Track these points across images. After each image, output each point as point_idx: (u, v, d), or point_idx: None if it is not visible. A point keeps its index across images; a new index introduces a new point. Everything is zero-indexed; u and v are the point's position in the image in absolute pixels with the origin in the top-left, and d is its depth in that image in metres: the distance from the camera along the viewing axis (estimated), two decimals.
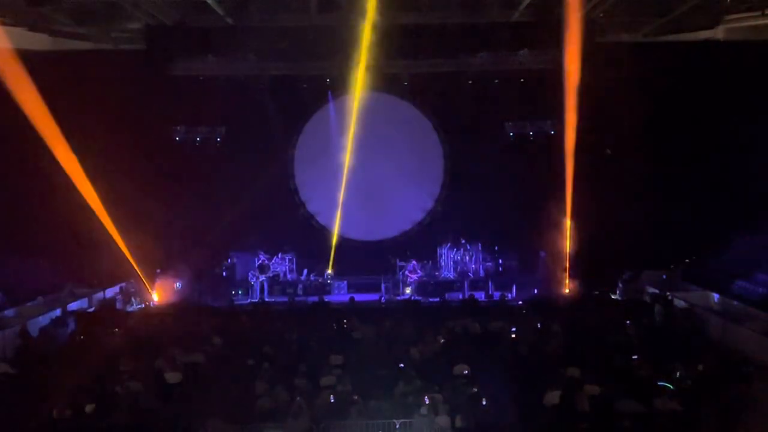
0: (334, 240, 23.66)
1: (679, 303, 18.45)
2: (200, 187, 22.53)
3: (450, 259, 22.66)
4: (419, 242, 23.22)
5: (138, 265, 20.87)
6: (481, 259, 22.23)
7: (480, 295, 20.54)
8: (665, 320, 17.04)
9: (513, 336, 15.38)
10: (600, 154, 21.94)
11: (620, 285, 20.34)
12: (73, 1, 18.47)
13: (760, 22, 20.32)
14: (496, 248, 22.18)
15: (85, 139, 20.94)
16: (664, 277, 20.74)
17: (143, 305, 20.24)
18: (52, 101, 19.40)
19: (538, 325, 15.99)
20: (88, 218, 20.66)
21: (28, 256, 18.74)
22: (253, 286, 21.65)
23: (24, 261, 18.79)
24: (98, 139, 20.91)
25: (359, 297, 20.27)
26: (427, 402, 10.86)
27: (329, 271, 22.37)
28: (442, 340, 14.96)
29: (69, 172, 20.57)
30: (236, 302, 20.28)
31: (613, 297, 19.78)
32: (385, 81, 22.95)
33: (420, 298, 20.69)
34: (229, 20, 21.67)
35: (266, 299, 20.80)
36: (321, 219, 24.18)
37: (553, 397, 11.25)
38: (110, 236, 20.57)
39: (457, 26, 21.82)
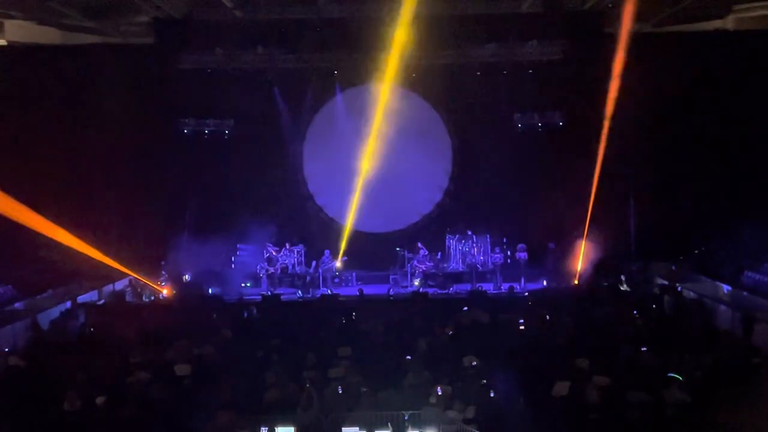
0: (343, 232, 23.68)
1: (688, 294, 18.36)
2: (208, 179, 22.60)
3: (458, 251, 22.62)
4: (428, 234, 23.17)
5: (146, 257, 20.97)
6: (489, 251, 22.18)
7: (488, 287, 20.53)
8: (674, 311, 16.97)
9: (521, 327, 15.35)
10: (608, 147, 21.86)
11: (629, 276, 20.24)
12: None
13: None
14: (504, 240, 22.11)
15: (93, 132, 21.04)
16: (674, 268, 20.66)
17: (153, 297, 20.29)
18: (62, 94, 19.49)
19: (547, 317, 15.95)
20: (95, 210, 20.79)
21: (37, 249, 18.82)
22: (261, 278, 21.68)
23: (33, 254, 18.89)
24: (106, 131, 21.02)
25: (368, 289, 20.26)
26: (439, 393, 10.86)
27: (338, 263, 22.33)
28: (451, 332, 14.94)
29: (75, 164, 20.69)
30: (245, 294, 20.33)
31: (621, 288, 19.69)
32: (392, 73, 22.91)
33: (429, 290, 20.66)
34: (238, 13, 21.74)
35: (275, 291, 20.81)
36: (329, 211, 24.12)
37: (562, 388, 11.23)
38: (118, 228, 20.68)
39: (465, 17, 21.79)
